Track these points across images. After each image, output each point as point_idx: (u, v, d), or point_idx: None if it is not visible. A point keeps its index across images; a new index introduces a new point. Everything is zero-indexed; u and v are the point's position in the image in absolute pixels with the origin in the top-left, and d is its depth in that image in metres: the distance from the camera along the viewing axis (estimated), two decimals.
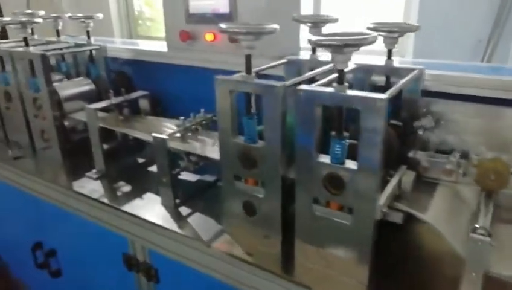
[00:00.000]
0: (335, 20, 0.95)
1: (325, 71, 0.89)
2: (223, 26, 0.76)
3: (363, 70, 0.95)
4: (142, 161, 1.32)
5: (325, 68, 0.90)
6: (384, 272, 0.77)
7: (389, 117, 0.86)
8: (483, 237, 0.64)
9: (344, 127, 0.71)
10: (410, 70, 0.88)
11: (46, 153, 1.34)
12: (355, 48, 0.63)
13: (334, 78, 0.79)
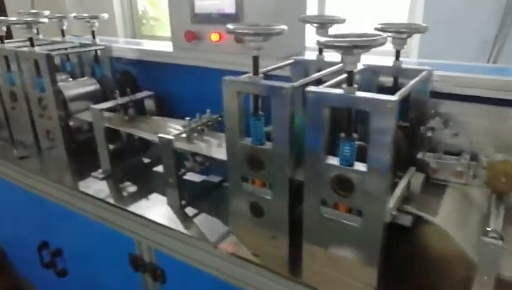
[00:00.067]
0: (342, 20, 0.95)
1: (332, 72, 0.89)
2: (231, 26, 0.76)
3: (371, 71, 0.94)
4: (147, 161, 1.32)
5: (332, 69, 0.90)
6: (392, 275, 0.77)
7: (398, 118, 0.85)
8: (495, 241, 0.63)
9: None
10: (419, 71, 0.87)
11: (52, 152, 1.34)
12: (365, 50, 0.62)
13: (342, 79, 0.78)
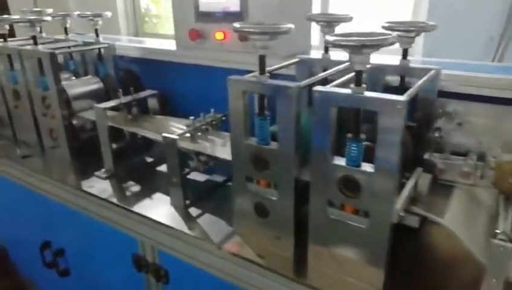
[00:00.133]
0: (349, 19, 0.94)
1: (339, 71, 0.88)
2: (237, 25, 0.75)
3: (377, 70, 0.93)
4: (150, 161, 1.32)
5: (339, 68, 0.89)
6: (398, 276, 0.76)
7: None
8: (504, 243, 0.62)
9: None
10: (427, 70, 0.86)
11: (55, 152, 1.33)
12: (374, 49, 0.61)
13: (349, 79, 0.77)
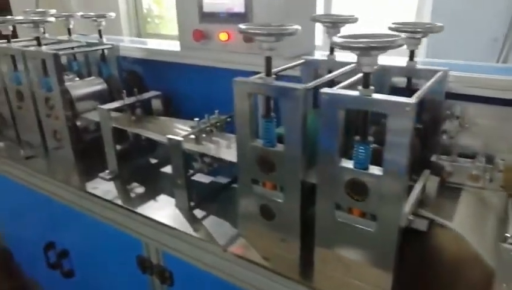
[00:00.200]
0: (355, 20, 0.93)
1: (345, 72, 0.87)
2: (243, 26, 0.74)
3: (383, 71, 0.93)
4: (154, 162, 1.31)
5: (345, 69, 0.88)
6: (406, 279, 0.75)
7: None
8: None
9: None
10: (434, 71, 0.85)
11: (58, 152, 1.33)
12: (383, 51, 0.60)
13: (356, 81, 0.77)
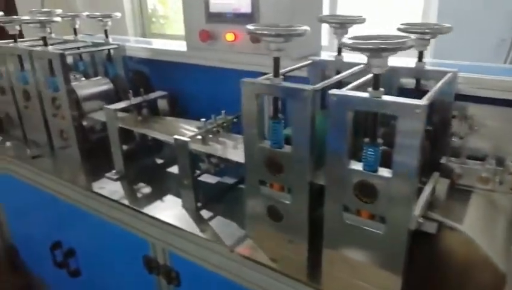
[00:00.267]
0: (362, 20, 0.92)
1: (353, 73, 0.86)
2: (251, 27, 0.74)
3: (392, 72, 0.92)
4: (160, 162, 1.31)
5: (353, 70, 0.87)
6: (414, 282, 0.75)
7: None
8: None
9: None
10: (443, 73, 0.84)
11: (65, 152, 1.33)
12: (393, 52, 0.60)
13: (365, 82, 0.76)
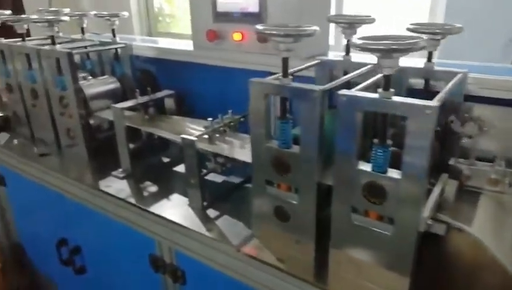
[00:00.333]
0: (372, 20, 0.92)
1: (362, 73, 0.86)
2: (260, 27, 0.74)
3: (400, 73, 0.91)
4: (167, 161, 1.32)
5: (362, 70, 0.87)
6: (422, 284, 0.74)
7: None
8: None
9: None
10: (453, 73, 0.84)
11: (72, 150, 1.34)
12: (405, 53, 0.60)
13: (374, 82, 0.76)
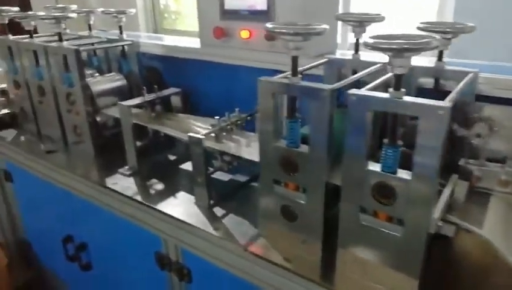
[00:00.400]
0: (381, 18, 0.91)
1: (371, 73, 0.85)
2: (269, 25, 0.73)
3: (410, 72, 0.90)
4: (173, 158, 1.32)
5: (372, 69, 0.86)
6: (431, 286, 0.74)
7: None
8: None
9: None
10: (464, 73, 0.82)
11: (79, 147, 1.35)
12: (417, 52, 0.59)
13: (384, 81, 0.75)
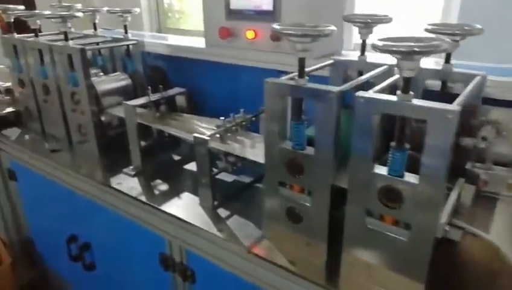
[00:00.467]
0: (389, 20, 0.90)
1: (378, 74, 0.85)
2: (277, 27, 0.73)
3: (417, 74, 0.89)
4: (177, 159, 1.32)
5: (378, 71, 0.86)
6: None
7: None
8: None
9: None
10: (472, 76, 0.82)
11: (83, 147, 1.35)
12: (426, 55, 0.58)
13: (391, 83, 0.75)
